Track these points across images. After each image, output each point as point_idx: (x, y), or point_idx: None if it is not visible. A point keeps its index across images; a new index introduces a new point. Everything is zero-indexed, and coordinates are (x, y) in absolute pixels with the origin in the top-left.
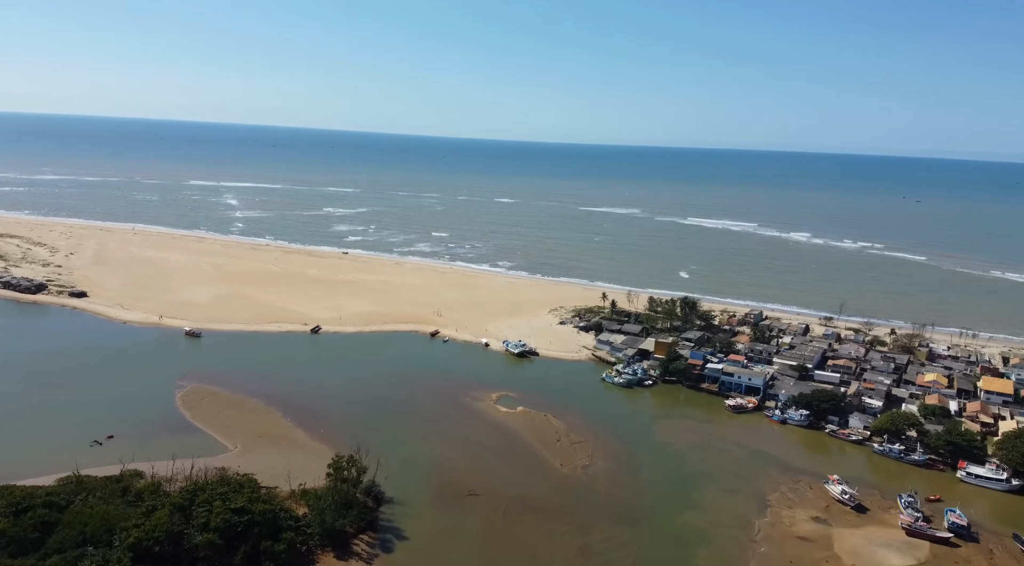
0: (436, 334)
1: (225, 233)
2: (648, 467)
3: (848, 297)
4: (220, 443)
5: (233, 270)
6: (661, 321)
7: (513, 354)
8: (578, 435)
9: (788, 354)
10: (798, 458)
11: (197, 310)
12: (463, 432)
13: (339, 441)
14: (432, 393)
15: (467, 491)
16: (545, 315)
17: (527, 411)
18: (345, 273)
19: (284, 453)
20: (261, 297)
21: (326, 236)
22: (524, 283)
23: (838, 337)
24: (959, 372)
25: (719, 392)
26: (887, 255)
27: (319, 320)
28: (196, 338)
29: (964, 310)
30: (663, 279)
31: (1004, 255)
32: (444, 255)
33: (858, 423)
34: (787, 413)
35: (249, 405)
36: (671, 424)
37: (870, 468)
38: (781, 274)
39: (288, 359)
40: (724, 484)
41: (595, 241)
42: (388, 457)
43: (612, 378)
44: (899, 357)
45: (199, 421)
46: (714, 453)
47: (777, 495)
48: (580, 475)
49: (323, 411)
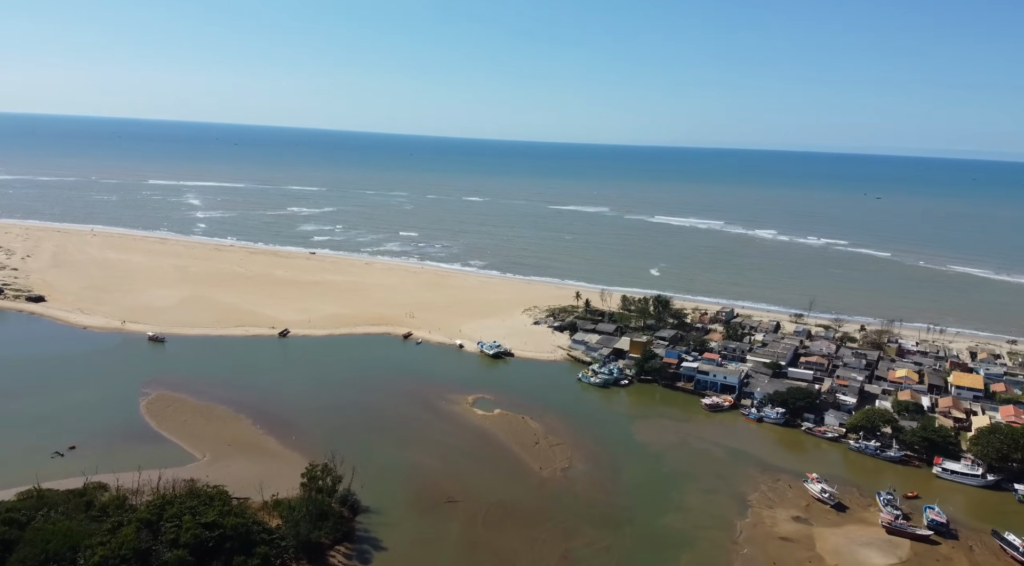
0: (409, 336)
1: (187, 234)
2: (628, 468)
3: (816, 294)
4: (188, 452)
5: (197, 272)
6: (635, 320)
7: (488, 355)
8: (556, 437)
9: (761, 352)
10: (776, 456)
11: (160, 314)
12: (439, 436)
13: (312, 448)
14: (407, 397)
15: (445, 498)
16: (519, 315)
17: (504, 413)
18: (313, 274)
19: (255, 462)
20: (226, 299)
21: (292, 236)
22: (497, 282)
23: (809, 334)
24: (929, 367)
25: (695, 391)
26: (852, 251)
27: (287, 323)
28: (160, 343)
29: (930, 305)
30: (634, 277)
31: (964, 250)
32: (415, 255)
33: (833, 420)
34: (763, 411)
35: (217, 412)
36: (649, 424)
37: (847, 465)
38: (749, 271)
39: (256, 364)
40: (704, 484)
41: (565, 239)
42: (363, 464)
43: (588, 378)
44: (870, 353)
45: (165, 430)
46: (693, 453)
47: (757, 495)
48: (560, 478)
49: (294, 417)
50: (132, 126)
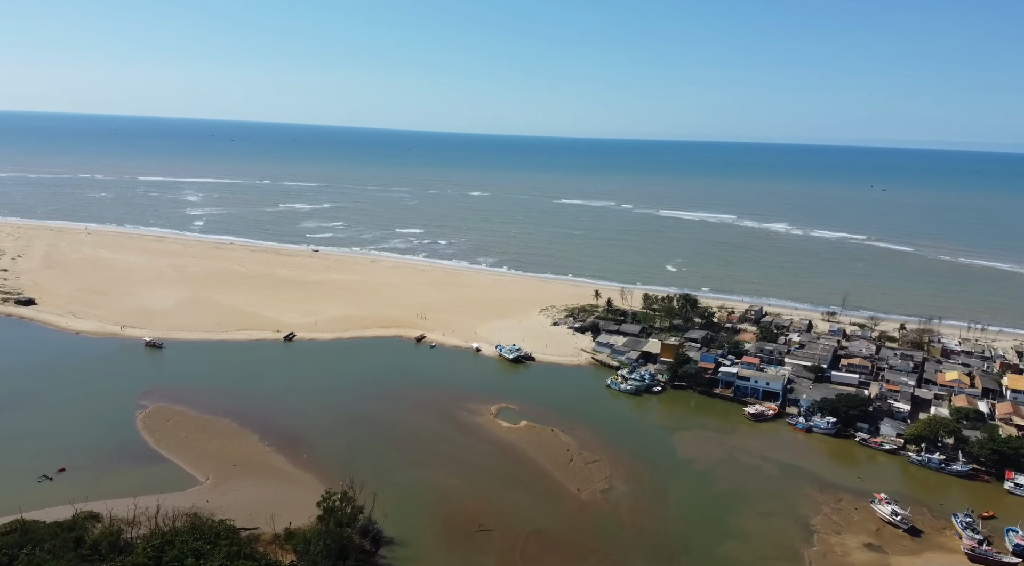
0: (422, 339)
1: (185, 231)
2: (674, 488)
3: (843, 290)
4: (189, 474)
5: (195, 272)
6: (660, 320)
7: (507, 360)
8: (591, 452)
9: (800, 354)
10: (833, 472)
11: (157, 317)
12: (464, 453)
13: (326, 468)
14: (425, 408)
15: (477, 526)
16: (536, 315)
17: (532, 425)
18: (317, 273)
19: (263, 485)
20: (228, 301)
21: (294, 233)
22: (509, 281)
23: (844, 334)
24: (977, 369)
25: (734, 398)
26: (871, 245)
27: (293, 326)
28: (157, 349)
29: (963, 302)
30: (650, 274)
31: (980, 243)
32: (420, 252)
33: (890, 430)
34: (812, 420)
35: (220, 427)
36: (690, 436)
37: (910, 481)
38: (769, 267)
39: (261, 371)
40: (760, 506)
41: (574, 235)
42: (383, 487)
43: (618, 385)
44: (915, 355)
45: (164, 448)
46: (742, 469)
47: (820, 518)
48: (601, 501)
49: (305, 433)
50: (127, 123)
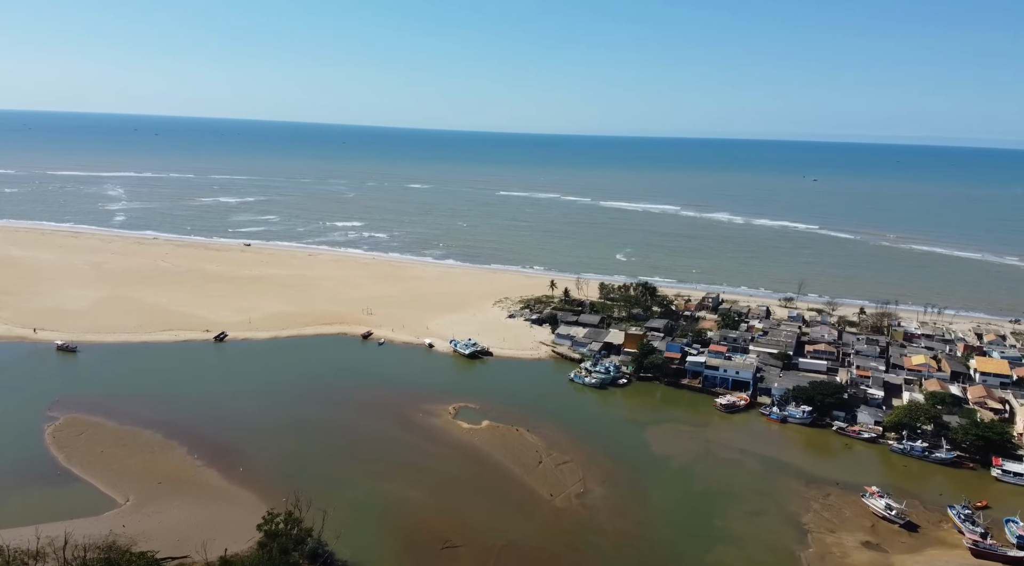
0: (369, 336)
1: (105, 226)
2: (654, 489)
3: (793, 276)
4: (105, 495)
5: (115, 269)
6: (618, 309)
7: (463, 355)
8: (561, 453)
9: (764, 341)
10: (815, 465)
11: (72, 318)
12: (423, 460)
13: (266, 483)
14: (376, 410)
15: (442, 542)
16: (490, 308)
17: (494, 425)
18: (250, 267)
19: (193, 505)
20: (151, 299)
21: (223, 227)
22: (459, 272)
23: (803, 319)
24: (942, 352)
25: (703, 388)
26: (813, 232)
27: (224, 325)
28: (71, 353)
29: (912, 286)
30: (601, 264)
31: (915, 229)
32: (363, 245)
33: (867, 418)
34: (786, 410)
35: (142, 439)
36: (663, 430)
37: (894, 471)
38: (716, 255)
39: (189, 376)
40: (747, 505)
41: (520, 226)
42: (333, 502)
43: (582, 378)
44: (880, 339)
45: (76, 465)
46: (722, 464)
47: (812, 516)
48: (577, 507)
49: (240, 443)
50: (44, 119)
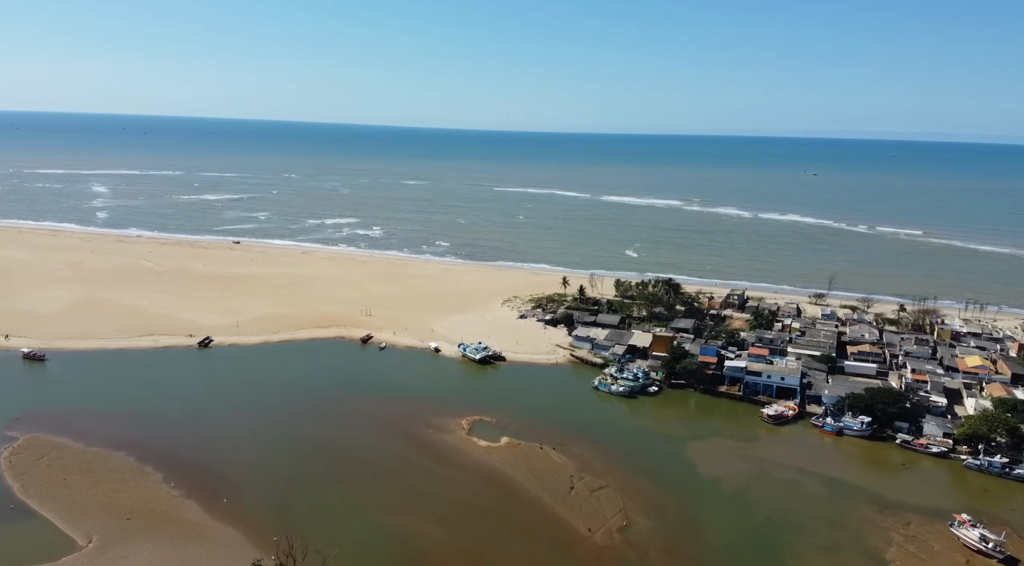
0: (369, 339)
1: (85, 224)
2: (708, 520)
3: (815, 271)
4: (64, 535)
5: (94, 268)
6: (638, 309)
7: (473, 361)
8: (594, 476)
9: (803, 342)
10: (885, 486)
11: (42, 323)
12: (436, 486)
13: (254, 517)
14: (379, 426)
15: None
16: (499, 308)
17: (515, 443)
18: (239, 266)
19: (167, 546)
20: (130, 301)
21: (211, 224)
22: (462, 270)
23: (838, 317)
24: (994, 352)
25: (744, 396)
26: (826, 225)
27: (209, 329)
28: (38, 362)
29: (943, 281)
30: (611, 260)
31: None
32: (359, 242)
33: (935, 429)
34: (842, 421)
35: (112, 464)
36: (707, 447)
37: (970, 491)
38: (731, 250)
39: (169, 388)
40: (818, 537)
41: (520, 222)
42: (335, 540)
43: (607, 386)
44: (928, 339)
45: (32, 497)
46: (781, 488)
47: (895, 550)
48: (621, 545)
49: (225, 467)
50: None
